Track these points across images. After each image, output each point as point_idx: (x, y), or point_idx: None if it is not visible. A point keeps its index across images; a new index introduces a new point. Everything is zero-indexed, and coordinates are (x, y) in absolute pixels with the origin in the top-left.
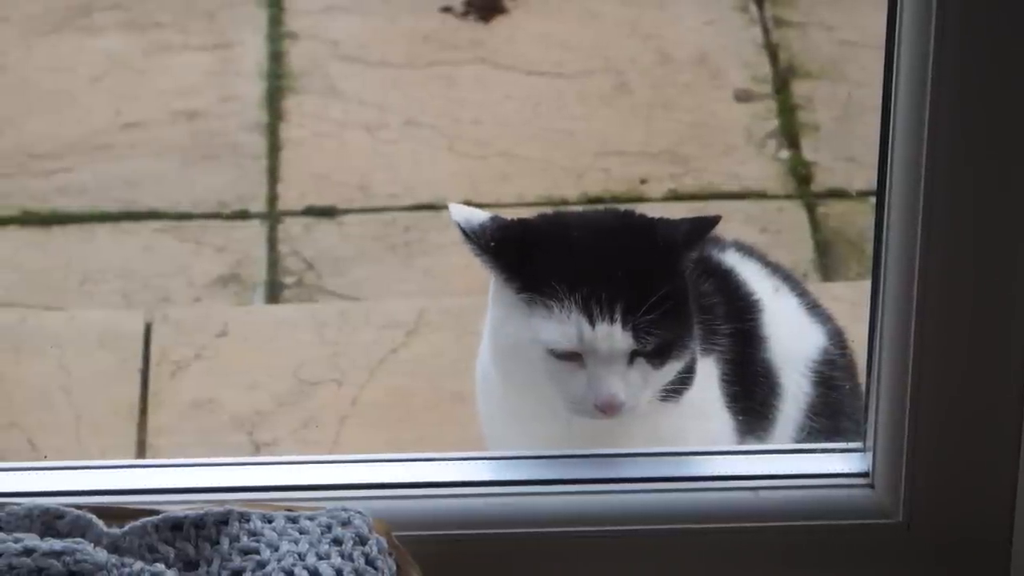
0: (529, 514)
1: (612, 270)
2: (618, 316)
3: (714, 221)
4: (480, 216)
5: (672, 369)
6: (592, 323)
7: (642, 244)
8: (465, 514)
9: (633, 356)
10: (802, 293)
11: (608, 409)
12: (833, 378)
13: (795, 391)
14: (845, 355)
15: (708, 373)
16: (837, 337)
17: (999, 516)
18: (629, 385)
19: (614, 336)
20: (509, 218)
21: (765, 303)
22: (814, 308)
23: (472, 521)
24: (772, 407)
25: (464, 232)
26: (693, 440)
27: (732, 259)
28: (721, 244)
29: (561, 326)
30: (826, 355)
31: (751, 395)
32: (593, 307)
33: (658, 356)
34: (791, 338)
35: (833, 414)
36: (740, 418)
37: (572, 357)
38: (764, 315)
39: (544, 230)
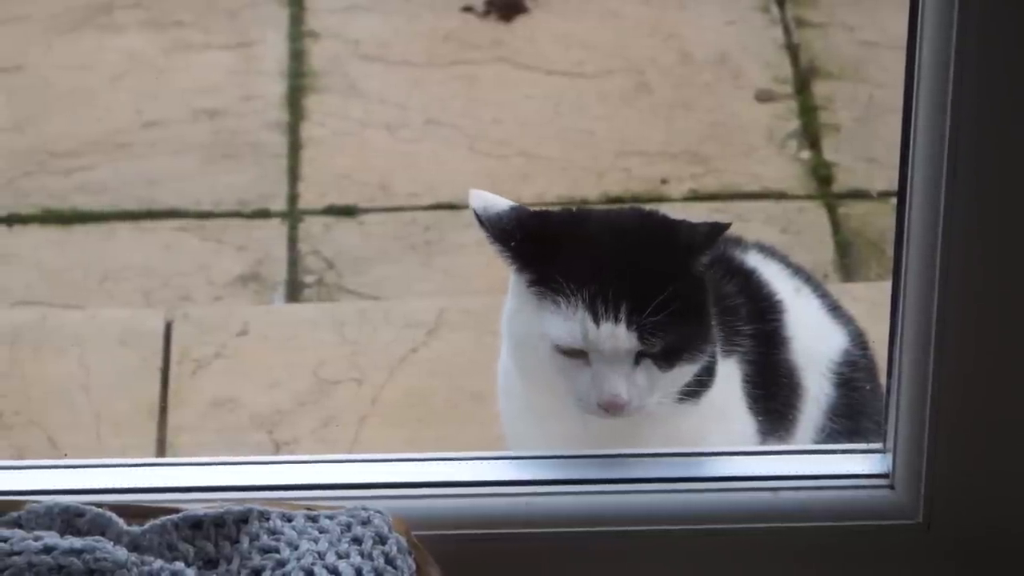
0: (548, 514)
1: (621, 269)
2: (623, 316)
3: (725, 227)
4: (500, 204)
5: (683, 372)
6: (596, 321)
7: (653, 245)
8: (484, 513)
9: (639, 357)
10: (823, 294)
11: (611, 408)
12: (854, 379)
13: (816, 392)
14: (866, 356)
15: (730, 374)
16: (858, 338)
17: (1019, 517)
18: (634, 385)
19: (618, 336)
20: (530, 209)
21: (787, 304)
22: (835, 309)
23: (491, 521)
24: (794, 408)
25: (479, 219)
26: (714, 441)
27: (754, 260)
28: (743, 245)
29: (567, 323)
30: (847, 356)
31: (773, 396)
32: (598, 305)
33: (666, 358)
34: (813, 339)
35: (854, 415)
36: (761, 419)
37: (578, 354)
38: (786, 316)
39: (559, 224)
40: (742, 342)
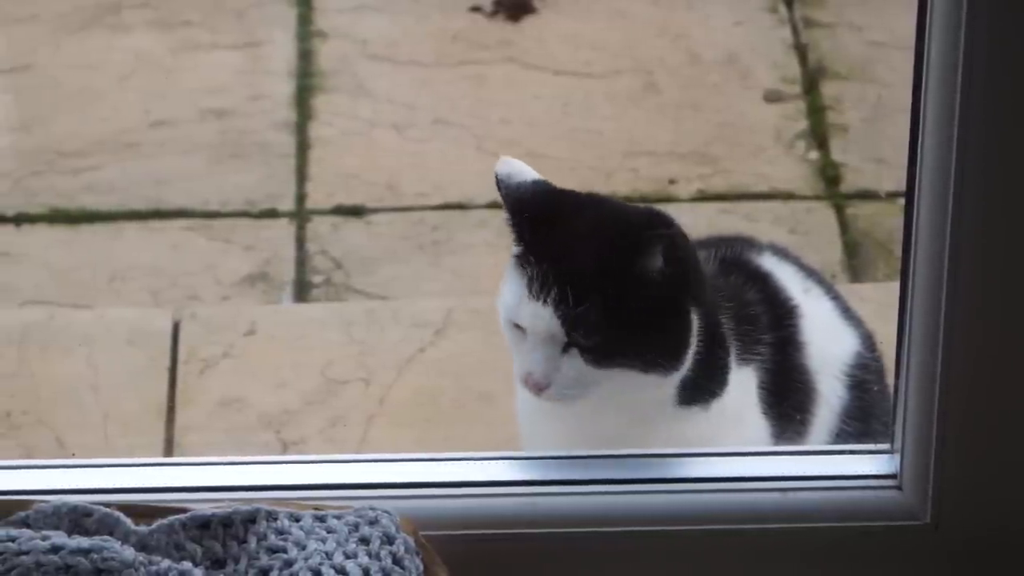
0: (556, 514)
1: (567, 256)
2: (551, 300)
3: (661, 236)
4: (525, 175)
5: (633, 378)
6: (529, 299)
7: (605, 239)
8: (492, 514)
9: (568, 345)
10: (835, 296)
11: (528, 385)
12: (866, 381)
13: (829, 395)
14: (876, 358)
15: (746, 381)
16: (869, 340)
17: None
18: (557, 371)
19: (541, 317)
20: (552, 186)
21: (803, 309)
22: (846, 311)
23: (499, 521)
24: (807, 412)
25: (498, 184)
26: (728, 445)
27: (769, 263)
28: (758, 247)
29: (510, 296)
30: (859, 358)
31: (787, 400)
32: (535, 285)
33: (595, 355)
34: (826, 342)
35: (866, 417)
36: (774, 423)
37: (521, 329)
38: (802, 321)
39: (558, 203)
40: (760, 350)
